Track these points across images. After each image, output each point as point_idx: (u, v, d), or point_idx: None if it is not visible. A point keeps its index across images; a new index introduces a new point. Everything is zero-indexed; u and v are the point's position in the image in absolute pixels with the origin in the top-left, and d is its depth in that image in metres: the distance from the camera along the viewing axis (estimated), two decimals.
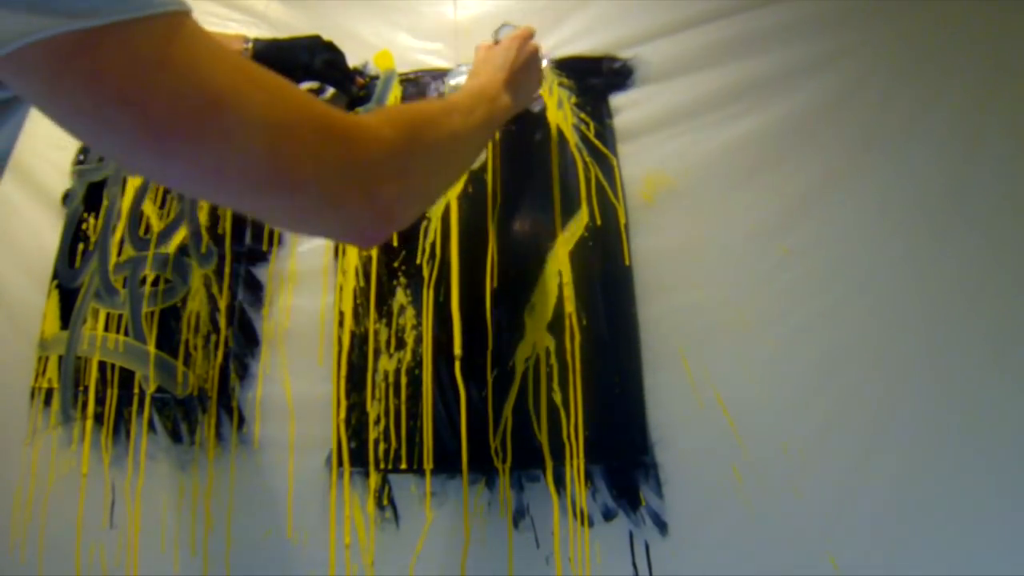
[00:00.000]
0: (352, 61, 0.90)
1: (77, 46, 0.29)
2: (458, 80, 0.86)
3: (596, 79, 0.84)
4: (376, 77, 0.91)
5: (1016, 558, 0.61)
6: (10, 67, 0.30)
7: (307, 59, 0.83)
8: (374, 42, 0.94)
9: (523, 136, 0.83)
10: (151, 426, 0.81)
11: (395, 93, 0.89)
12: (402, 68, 0.91)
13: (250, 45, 0.81)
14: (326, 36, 0.87)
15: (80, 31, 0.29)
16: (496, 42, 0.74)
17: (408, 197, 0.44)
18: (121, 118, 0.31)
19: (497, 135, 0.83)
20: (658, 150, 0.80)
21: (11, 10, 0.28)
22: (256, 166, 0.35)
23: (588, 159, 0.80)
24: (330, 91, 0.90)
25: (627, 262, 0.74)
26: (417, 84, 0.89)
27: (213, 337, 0.82)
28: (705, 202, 0.77)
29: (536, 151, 0.82)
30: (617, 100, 0.83)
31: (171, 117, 0.31)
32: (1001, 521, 0.62)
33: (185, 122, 0.32)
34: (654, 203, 0.78)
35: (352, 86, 0.88)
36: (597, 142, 0.81)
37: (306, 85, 0.87)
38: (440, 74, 0.89)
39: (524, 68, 0.71)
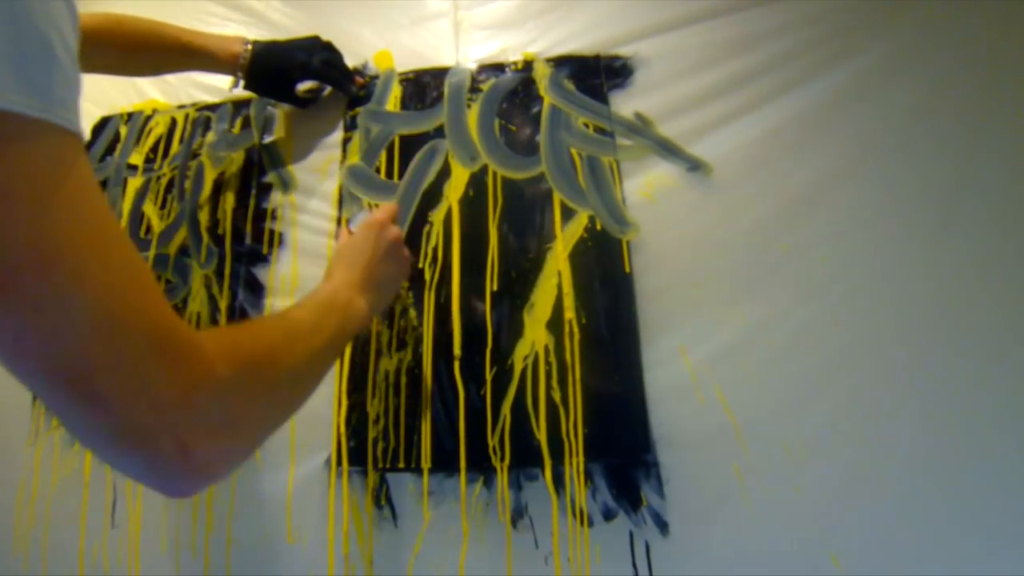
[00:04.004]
0: (352, 61, 0.90)
1: None
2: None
3: (596, 78, 0.84)
4: (376, 77, 0.91)
5: (1016, 558, 0.60)
6: None
7: (305, 58, 0.83)
8: (374, 42, 0.94)
9: (524, 137, 0.83)
10: None
11: (395, 93, 0.89)
12: (402, 68, 0.91)
13: (249, 46, 0.82)
14: (326, 36, 0.87)
15: None
16: (350, 231, 0.66)
17: (235, 452, 0.36)
18: None
19: (498, 136, 0.83)
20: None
21: None
22: (54, 352, 0.27)
23: (587, 158, 0.80)
24: (328, 90, 0.90)
25: (627, 262, 0.74)
26: (417, 84, 0.89)
27: None
28: (705, 200, 0.76)
29: (536, 152, 0.81)
30: (617, 99, 0.83)
31: None
32: (1002, 521, 0.61)
33: None
34: (654, 202, 0.77)
35: (351, 86, 0.89)
36: (595, 148, 0.80)
37: (305, 84, 0.87)
38: (440, 73, 0.89)
39: (383, 260, 0.62)
